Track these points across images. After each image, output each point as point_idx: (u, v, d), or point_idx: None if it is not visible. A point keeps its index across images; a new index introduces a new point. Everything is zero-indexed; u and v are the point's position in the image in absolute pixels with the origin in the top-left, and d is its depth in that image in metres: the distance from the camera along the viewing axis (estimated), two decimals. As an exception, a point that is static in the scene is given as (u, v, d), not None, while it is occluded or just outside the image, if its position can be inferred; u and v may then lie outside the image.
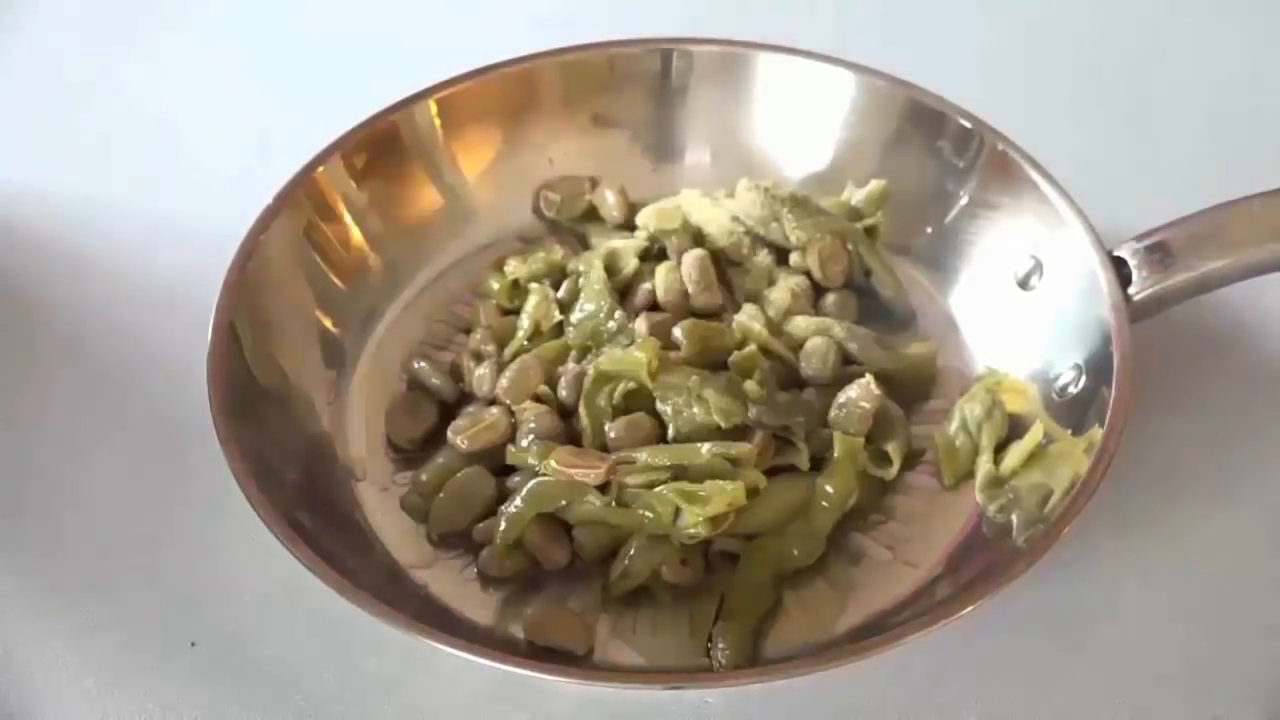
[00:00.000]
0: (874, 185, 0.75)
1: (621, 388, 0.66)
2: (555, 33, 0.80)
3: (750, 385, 0.64)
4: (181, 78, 0.94)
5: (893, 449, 0.66)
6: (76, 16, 0.99)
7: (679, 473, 0.61)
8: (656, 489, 0.61)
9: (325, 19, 0.99)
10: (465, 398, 0.70)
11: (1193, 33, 0.96)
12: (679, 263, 0.71)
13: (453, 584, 0.63)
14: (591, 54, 0.79)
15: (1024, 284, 0.71)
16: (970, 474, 0.66)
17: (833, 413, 0.65)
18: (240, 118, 0.90)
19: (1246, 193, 0.65)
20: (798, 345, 0.69)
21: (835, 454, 0.64)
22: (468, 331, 0.73)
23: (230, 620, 0.63)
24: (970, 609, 0.55)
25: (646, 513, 0.61)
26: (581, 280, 0.72)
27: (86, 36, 0.97)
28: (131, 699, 0.61)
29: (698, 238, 0.74)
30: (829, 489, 0.64)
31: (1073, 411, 0.65)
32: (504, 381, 0.67)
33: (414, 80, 0.76)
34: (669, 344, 0.66)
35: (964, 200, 0.74)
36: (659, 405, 0.65)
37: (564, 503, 0.62)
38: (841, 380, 0.67)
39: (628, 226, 0.77)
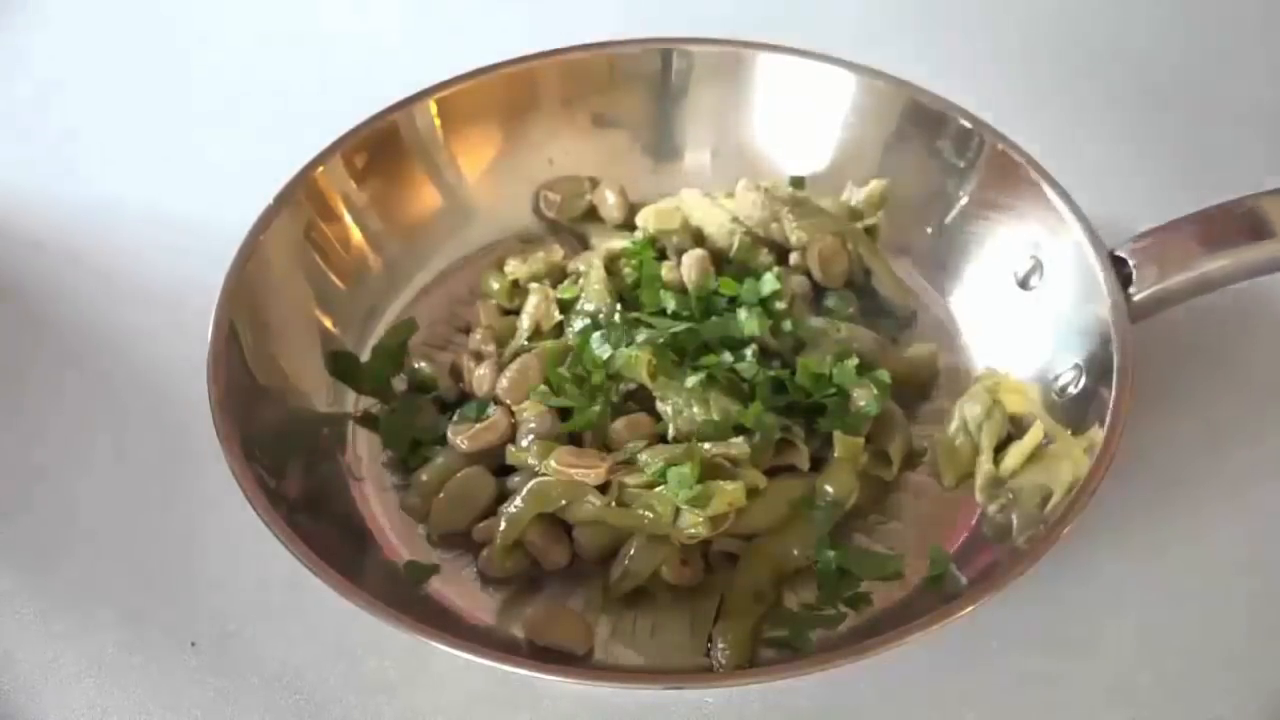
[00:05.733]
0: (874, 185, 0.75)
1: (621, 388, 0.66)
2: (556, 33, 0.80)
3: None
4: (181, 77, 0.94)
5: (893, 449, 0.66)
6: (77, 16, 0.99)
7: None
8: (657, 489, 0.61)
9: (325, 18, 0.99)
10: (465, 397, 0.70)
11: (1194, 32, 0.96)
12: (679, 263, 0.72)
13: (453, 584, 0.63)
14: (591, 54, 0.79)
15: (1024, 284, 0.71)
16: (970, 474, 0.66)
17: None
18: (240, 117, 0.90)
19: (1246, 193, 0.65)
20: (798, 345, 0.69)
21: (835, 454, 0.65)
22: (468, 331, 0.73)
23: (230, 620, 0.63)
24: (970, 609, 0.55)
25: (646, 513, 0.61)
26: (582, 280, 0.72)
27: (87, 36, 0.97)
28: (131, 699, 0.61)
29: (698, 238, 0.74)
30: (829, 489, 0.64)
31: (1073, 411, 0.65)
32: (504, 381, 0.67)
33: (414, 80, 0.76)
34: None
35: (964, 200, 0.74)
36: (659, 405, 0.65)
37: (564, 503, 0.62)
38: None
39: (628, 226, 0.77)
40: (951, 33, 0.96)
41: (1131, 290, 0.65)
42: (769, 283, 0.69)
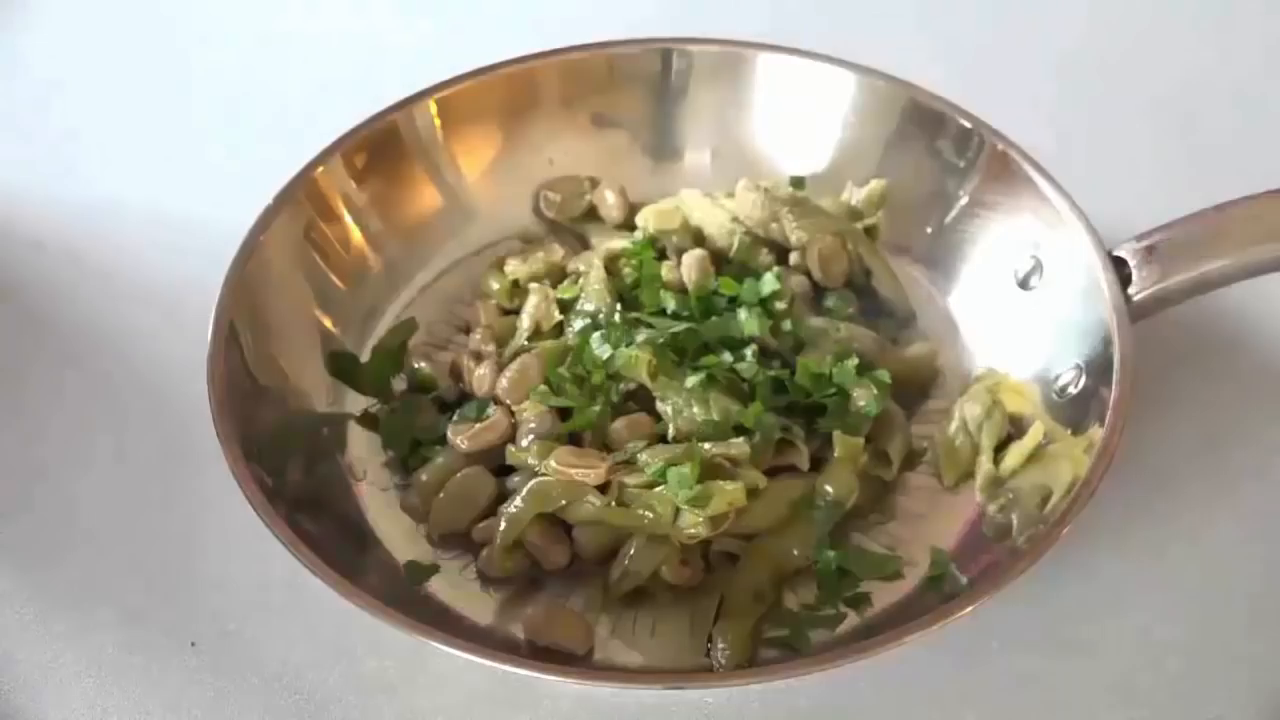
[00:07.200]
0: (874, 185, 0.75)
1: (621, 387, 0.66)
2: (556, 33, 0.80)
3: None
4: (181, 77, 0.94)
5: (893, 449, 0.66)
6: (77, 16, 0.99)
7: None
8: (657, 489, 0.61)
9: (325, 18, 0.99)
10: (465, 397, 0.70)
11: (1194, 32, 0.96)
12: (679, 263, 0.72)
13: (453, 584, 0.63)
14: (591, 54, 0.79)
15: (1024, 284, 0.71)
16: (970, 474, 0.66)
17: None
18: (240, 117, 0.90)
19: (1246, 193, 0.65)
20: (798, 345, 0.69)
21: (835, 454, 0.65)
22: (468, 331, 0.73)
23: (230, 620, 0.63)
24: (970, 609, 0.55)
25: (646, 513, 0.61)
26: (581, 280, 0.72)
27: (86, 36, 0.97)
28: (131, 699, 0.61)
29: (698, 238, 0.74)
30: (829, 489, 0.64)
31: (1073, 411, 0.65)
32: (504, 381, 0.67)
33: (414, 80, 0.76)
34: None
35: (964, 200, 0.74)
36: (659, 405, 0.65)
37: (564, 503, 0.62)
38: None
39: (628, 226, 0.77)
40: (952, 33, 0.96)
41: (1131, 290, 0.65)
42: (769, 283, 0.69)
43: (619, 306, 0.69)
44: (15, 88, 0.93)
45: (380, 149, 0.75)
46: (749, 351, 0.66)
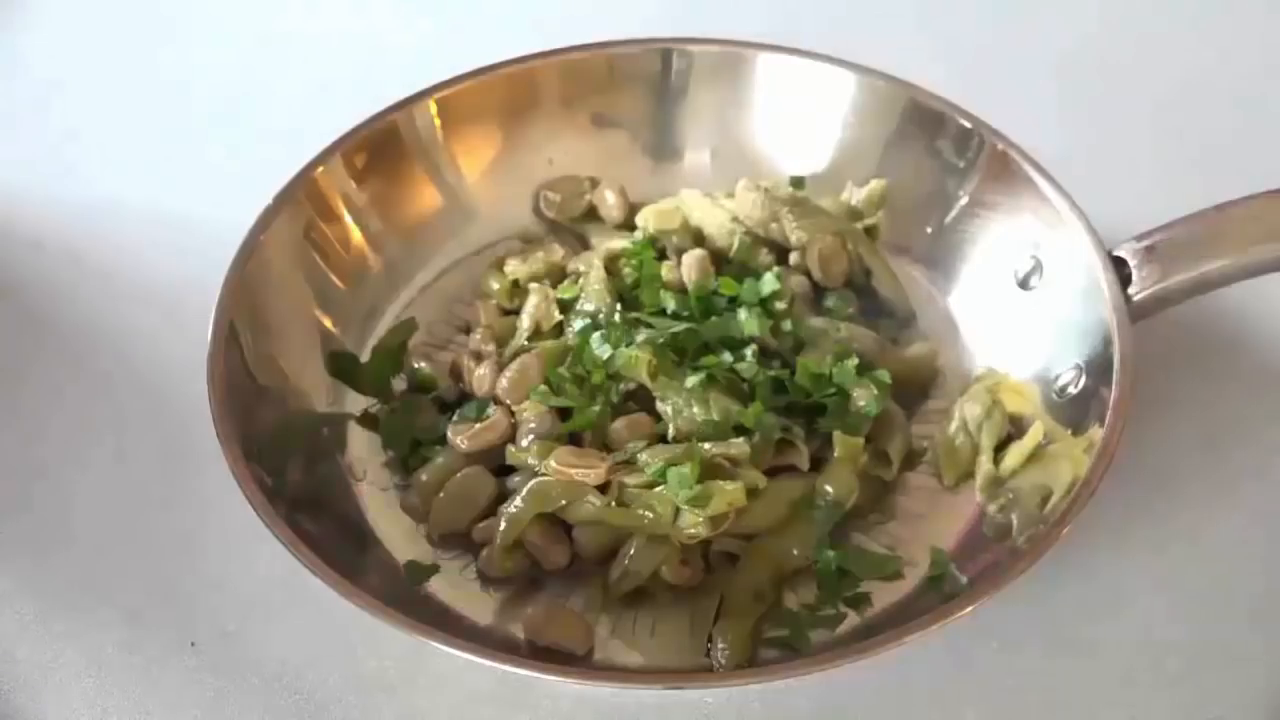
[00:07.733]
0: (874, 185, 0.75)
1: (621, 387, 0.66)
2: (555, 33, 0.80)
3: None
4: (181, 78, 0.94)
5: (893, 449, 0.66)
6: (77, 16, 0.99)
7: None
8: (657, 489, 0.61)
9: (325, 18, 0.99)
10: (465, 397, 0.70)
11: (1193, 32, 0.96)
12: (679, 263, 0.72)
13: (453, 584, 0.63)
14: (591, 54, 0.79)
15: (1024, 284, 0.71)
16: (970, 474, 0.66)
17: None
18: (240, 117, 0.90)
19: (1246, 193, 0.65)
20: (798, 345, 0.69)
21: (835, 454, 0.65)
22: (468, 331, 0.73)
23: (230, 620, 0.63)
24: (970, 609, 0.55)
25: (646, 513, 0.61)
26: (581, 280, 0.72)
27: (86, 36, 0.97)
28: (131, 699, 0.61)
29: (698, 238, 0.74)
30: (829, 489, 0.64)
31: (1073, 411, 0.65)
32: (504, 381, 0.67)
33: (414, 80, 0.76)
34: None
35: (964, 200, 0.74)
36: (659, 405, 0.65)
37: (564, 503, 0.62)
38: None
39: (628, 226, 0.77)
40: (952, 33, 0.96)
41: (1131, 290, 0.65)
42: (769, 283, 0.69)
43: (619, 306, 0.69)
44: (15, 88, 0.94)
45: (380, 149, 0.75)
46: (749, 351, 0.66)
